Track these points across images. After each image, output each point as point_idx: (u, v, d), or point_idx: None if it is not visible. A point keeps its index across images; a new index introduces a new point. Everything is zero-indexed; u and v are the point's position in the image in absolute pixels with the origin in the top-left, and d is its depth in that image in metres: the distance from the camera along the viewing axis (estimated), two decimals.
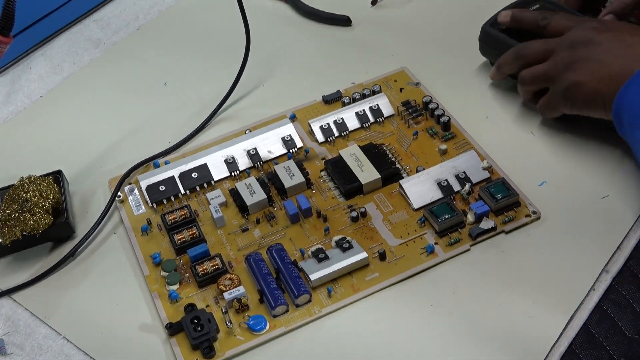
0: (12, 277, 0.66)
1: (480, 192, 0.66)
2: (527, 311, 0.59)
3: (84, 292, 0.65)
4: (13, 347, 0.62)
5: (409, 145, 0.72)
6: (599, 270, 0.61)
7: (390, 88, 0.78)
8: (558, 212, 0.65)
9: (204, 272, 0.63)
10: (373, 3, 0.88)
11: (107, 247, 0.68)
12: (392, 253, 0.64)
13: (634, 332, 0.58)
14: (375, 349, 0.59)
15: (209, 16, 0.91)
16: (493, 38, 0.74)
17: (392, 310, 0.61)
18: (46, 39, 0.90)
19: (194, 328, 0.59)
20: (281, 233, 0.66)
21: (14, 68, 0.87)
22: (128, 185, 0.71)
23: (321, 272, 0.62)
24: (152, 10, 0.92)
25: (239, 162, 0.72)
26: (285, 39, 0.86)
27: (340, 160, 0.70)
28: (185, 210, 0.67)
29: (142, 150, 0.74)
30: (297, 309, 0.61)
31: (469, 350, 0.58)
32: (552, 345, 0.57)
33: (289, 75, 0.82)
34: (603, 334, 0.58)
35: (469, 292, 0.61)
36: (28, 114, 0.82)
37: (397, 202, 0.67)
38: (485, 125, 0.73)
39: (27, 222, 0.64)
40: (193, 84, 0.82)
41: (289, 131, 0.73)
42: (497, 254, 0.63)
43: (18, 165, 0.75)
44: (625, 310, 0.59)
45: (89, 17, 0.93)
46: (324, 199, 0.68)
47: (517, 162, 0.69)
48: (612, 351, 0.57)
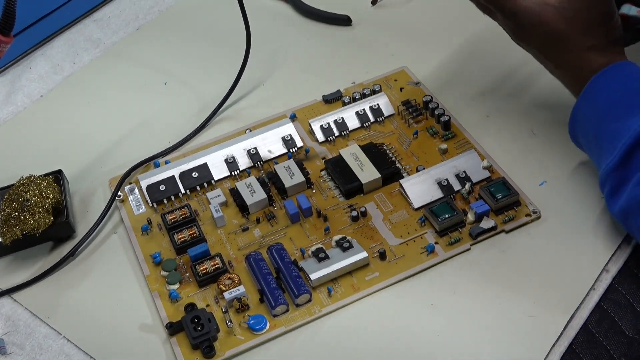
0: (12, 276, 0.66)
1: (481, 192, 0.66)
2: (527, 311, 0.59)
3: (84, 292, 0.65)
4: (13, 347, 0.62)
5: (409, 145, 0.72)
6: (599, 269, 0.61)
7: (390, 87, 0.78)
8: (558, 211, 0.65)
9: (204, 272, 0.63)
10: (373, 3, 0.88)
11: (107, 246, 0.68)
12: (392, 252, 0.64)
13: (634, 332, 0.58)
14: (375, 348, 0.59)
15: (209, 16, 0.91)
16: None
17: (392, 310, 0.61)
18: (46, 39, 0.90)
19: (194, 328, 0.59)
20: (281, 232, 0.66)
21: (14, 68, 0.87)
22: (128, 185, 0.71)
23: (321, 272, 0.62)
24: (152, 10, 0.92)
25: (239, 162, 0.72)
26: (285, 39, 0.86)
27: (340, 159, 0.70)
28: (186, 210, 0.67)
29: (142, 150, 0.74)
30: (297, 308, 0.61)
31: (469, 349, 0.58)
32: (552, 345, 0.57)
33: (289, 75, 0.82)
34: (603, 333, 0.58)
35: (469, 292, 0.61)
36: (28, 114, 0.82)
37: (398, 201, 0.67)
38: (485, 125, 0.73)
39: (27, 221, 0.64)
40: (193, 84, 0.82)
41: (289, 131, 0.73)
42: (497, 254, 0.63)
43: (18, 165, 0.75)
44: (626, 310, 0.59)
45: (88, 17, 0.92)
46: (324, 199, 0.68)
47: (517, 161, 0.69)
48: (612, 351, 0.57)
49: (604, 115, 0.60)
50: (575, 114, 0.63)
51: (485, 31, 0.83)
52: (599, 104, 0.60)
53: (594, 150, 0.62)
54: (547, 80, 0.76)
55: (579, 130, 0.63)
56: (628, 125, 0.58)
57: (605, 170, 0.60)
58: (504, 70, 0.78)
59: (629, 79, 0.60)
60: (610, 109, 0.60)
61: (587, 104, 0.61)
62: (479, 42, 0.81)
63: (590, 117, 0.61)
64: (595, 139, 0.61)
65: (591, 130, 0.61)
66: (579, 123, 0.63)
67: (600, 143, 0.60)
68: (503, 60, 0.79)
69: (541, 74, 0.77)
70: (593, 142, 0.62)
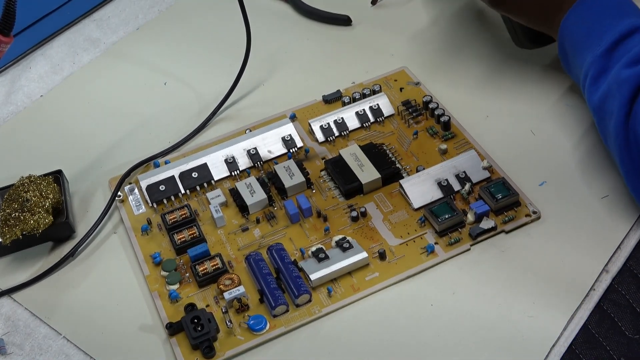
0: (12, 276, 0.66)
1: (481, 192, 0.66)
2: (527, 311, 0.59)
3: (84, 292, 0.65)
4: (13, 347, 0.62)
5: (409, 145, 0.72)
6: (599, 270, 0.61)
7: (390, 88, 0.78)
8: (558, 212, 0.65)
9: (204, 272, 0.63)
10: (373, 3, 0.88)
11: (107, 247, 0.68)
12: (392, 253, 0.64)
13: (633, 332, 0.58)
14: (375, 349, 0.59)
15: (209, 16, 0.91)
16: None
17: (392, 311, 0.61)
18: (46, 39, 0.90)
19: (194, 328, 0.59)
20: (281, 233, 0.66)
21: (14, 68, 0.87)
22: (128, 185, 0.71)
23: (321, 272, 0.62)
24: (152, 10, 0.92)
25: (239, 162, 0.72)
26: (285, 39, 0.86)
27: (340, 160, 0.70)
28: (186, 210, 0.67)
29: (142, 150, 0.74)
30: (297, 308, 0.61)
31: (469, 350, 0.58)
32: (552, 345, 0.57)
33: (289, 75, 0.82)
34: (603, 333, 0.58)
35: (469, 292, 0.61)
36: (28, 114, 0.82)
37: (397, 201, 0.67)
38: (485, 125, 0.73)
39: (27, 221, 0.64)
40: (193, 84, 0.82)
41: (289, 131, 0.73)
42: (497, 254, 0.63)
43: (18, 165, 0.75)
44: (625, 310, 0.59)
45: (88, 17, 0.92)
46: (324, 199, 0.68)
47: (517, 162, 0.69)
48: (612, 351, 0.57)
49: (599, 13, 0.65)
50: (569, 17, 0.67)
51: (485, 31, 0.83)
52: (595, 6, 0.65)
53: (580, 50, 0.66)
54: (547, 80, 0.77)
55: (568, 34, 0.67)
56: (618, 23, 0.63)
57: (590, 59, 0.64)
58: (504, 70, 0.78)
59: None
60: (605, 10, 0.64)
61: (585, 5, 0.66)
62: (479, 42, 0.81)
63: (586, 17, 0.65)
64: (586, 36, 0.65)
65: (584, 28, 0.65)
66: (572, 26, 0.67)
67: (591, 39, 0.64)
68: (503, 61, 0.79)
69: (541, 74, 0.77)
70: (584, 39, 0.65)
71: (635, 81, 0.59)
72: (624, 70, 0.60)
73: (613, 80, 0.61)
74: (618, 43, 0.62)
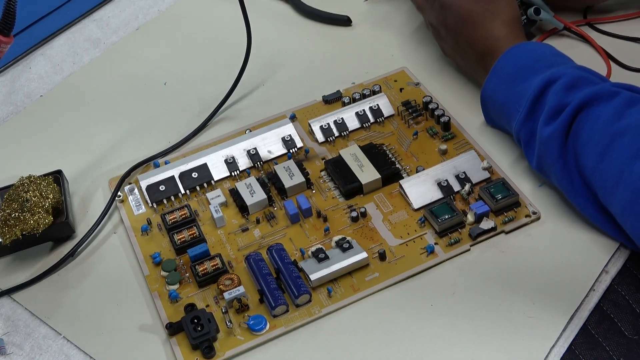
0: (12, 277, 0.66)
1: (480, 192, 0.66)
2: (527, 311, 0.59)
3: (84, 292, 0.65)
4: (13, 347, 0.62)
5: (409, 145, 0.72)
6: (599, 270, 0.61)
7: (390, 88, 0.78)
8: (558, 212, 0.65)
9: (204, 272, 0.63)
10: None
11: (107, 247, 0.68)
12: (392, 253, 0.64)
13: (633, 333, 0.58)
14: (375, 349, 0.59)
15: (209, 16, 0.91)
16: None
17: (392, 310, 0.61)
18: (46, 38, 0.90)
19: (194, 328, 0.59)
20: (281, 233, 0.66)
21: (14, 68, 0.87)
22: (128, 185, 0.71)
23: (321, 272, 0.62)
24: (152, 10, 0.92)
25: (239, 162, 0.72)
26: (285, 39, 0.86)
27: (340, 160, 0.70)
28: (185, 210, 0.67)
29: (142, 150, 0.75)
30: (297, 309, 0.61)
31: (469, 350, 0.58)
32: (551, 345, 0.58)
33: (289, 75, 0.82)
34: (603, 334, 0.58)
35: (468, 292, 0.61)
36: (28, 114, 0.82)
37: (397, 202, 0.67)
38: (485, 125, 0.73)
39: (27, 221, 0.64)
40: (193, 84, 0.82)
41: (289, 131, 0.73)
42: (497, 254, 0.63)
43: (18, 165, 0.75)
44: (625, 311, 0.59)
45: (88, 17, 0.93)
46: (324, 199, 0.68)
47: (517, 162, 0.69)
48: (611, 351, 0.57)
49: (510, 81, 0.67)
50: (485, 89, 0.70)
51: None
52: (506, 73, 0.68)
53: (504, 117, 0.68)
54: None
55: (490, 104, 0.70)
56: (531, 84, 0.65)
57: (516, 127, 0.66)
58: None
59: (531, 51, 0.68)
60: (516, 75, 0.67)
61: (496, 77, 0.68)
62: None
63: (499, 88, 0.68)
64: (505, 105, 0.67)
65: (500, 98, 0.68)
66: (490, 98, 0.69)
67: (509, 107, 0.67)
68: None
69: None
70: (503, 109, 0.68)
71: (557, 137, 0.62)
72: (544, 129, 0.63)
73: (539, 142, 0.64)
74: (535, 104, 0.64)
